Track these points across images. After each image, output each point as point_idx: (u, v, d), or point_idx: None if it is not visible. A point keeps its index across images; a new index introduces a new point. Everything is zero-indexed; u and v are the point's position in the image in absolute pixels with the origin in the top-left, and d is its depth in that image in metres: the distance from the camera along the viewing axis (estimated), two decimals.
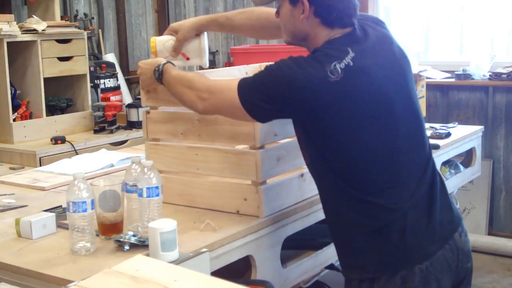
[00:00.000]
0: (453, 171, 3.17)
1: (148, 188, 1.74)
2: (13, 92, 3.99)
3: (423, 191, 1.77)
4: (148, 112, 2.18)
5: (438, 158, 2.88)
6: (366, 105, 1.69)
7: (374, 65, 1.72)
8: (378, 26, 1.85)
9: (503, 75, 4.18)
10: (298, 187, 2.10)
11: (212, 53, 5.69)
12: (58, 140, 3.89)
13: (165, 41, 2.17)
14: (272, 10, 2.01)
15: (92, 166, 2.72)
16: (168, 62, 2.00)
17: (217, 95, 1.81)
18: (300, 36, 1.80)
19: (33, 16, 4.15)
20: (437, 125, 3.26)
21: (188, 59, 2.18)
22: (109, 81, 4.51)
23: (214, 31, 2.30)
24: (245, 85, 1.75)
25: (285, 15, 1.81)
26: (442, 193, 1.83)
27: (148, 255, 1.59)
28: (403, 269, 1.73)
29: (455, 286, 1.86)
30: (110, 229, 1.79)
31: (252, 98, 1.73)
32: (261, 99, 1.72)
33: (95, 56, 5.08)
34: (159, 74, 1.97)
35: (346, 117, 1.68)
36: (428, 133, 2.98)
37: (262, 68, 1.77)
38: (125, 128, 4.30)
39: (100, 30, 5.36)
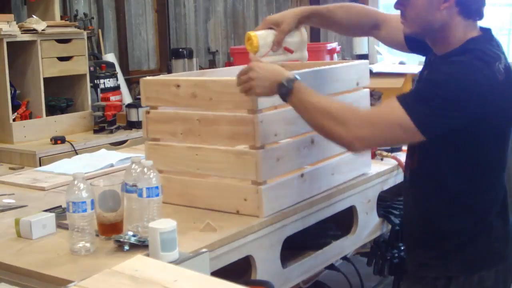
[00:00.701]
0: None
1: (148, 188, 1.74)
2: (13, 92, 3.99)
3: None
4: (148, 112, 2.18)
5: None
6: None
7: None
8: None
9: None
10: (298, 187, 2.09)
11: (212, 53, 5.69)
12: (58, 140, 3.89)
13: (266, 35, 2.00)
14: (367, 7, 2.02)
15: (92, 166, 2.72)
16: (296, 77, 1.78)
17: (380, 126, 1.68)
18: (435, 26, 1.72)
19: (33, 16, 4.15)
20: None
21: (292, 52, 2.04)
22: (109, 81, 4.51)
23: (312, 25, 2.22)
24: (410, 102, 1.65)
25: (421, 3, 1.71)
26: None
27: (148, 255, 1.59)
28: (483, 270, 1.78)
29: None
30: (110, 229, 1.79)
31: (423, 112, 1.63)
32: (432, 111, 1.62)
33: (95, 56, 5.08)
34: (287, 92, 1.77)
35: (502, 117, 1.69)
36: None
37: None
38: (125, 128, 4.30)
39: (100, 30, 5.37)
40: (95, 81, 4.45)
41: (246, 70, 1.83)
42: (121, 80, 5.02)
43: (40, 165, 3.52)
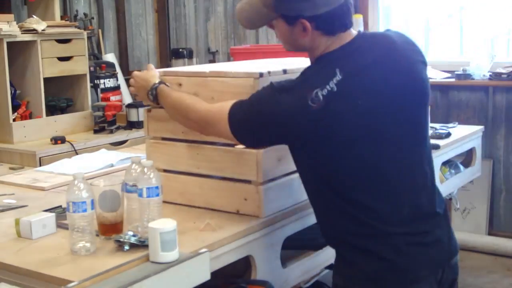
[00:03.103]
0: (453, 171, 3.16)
1: (148, 188, 1.74)
2: (13, 92, 3.99)
3: (418, 215, 1.71)
4: (149, 111, 2.18)
5: (438, 158, 2.88)
6: (348, 130, 1.63)
7: (363, 87, 1.65)
8: (406, 43, 1.78)
9: (503, 75, 4.18)
10: (298, 187, 2.09)
11: (212, 53, 5.69)
12: (58, 140, 3.89)
13: None
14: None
15: (92, 166, 2.72)
16: (161, 83, 2.02)
17: (212, 127, 1.86)
18: (301, 48, 1.78)
19: (33, 16, 4.15)
20: (437, 125, 3.25)
21: None
22: (109, 81, 4.51)
23: None
24: (234, 117, 1.77)
25: (283, 33, 1.77)
26: (441, 219, 1.78)
27: (148, 255, 1.59)
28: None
29: None
30: (110, 229, 1.79)
31: (241, 130, 1.77)
32: (249, 130, 1.77)
33: (95, 56, 5.08)
34: (153, 97, 2.02)
35: (328, 143, 1.65)
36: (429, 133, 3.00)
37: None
38: (125, 128, 4.30)
39: (100, 30, 5.36)
40: (95, 81, 4.44)
41: (131, 78, 2.12)
42: (121, 80, 5.01)
43: (40, 165, 3.52)
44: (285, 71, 2.01)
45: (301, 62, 2.22)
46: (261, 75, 1.92)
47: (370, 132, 1.65)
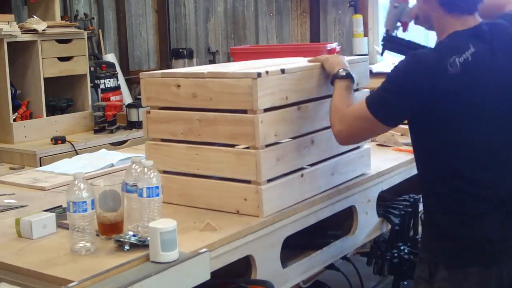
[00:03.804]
0: None
1: (148, 188, 1.75)
2: (13, 92, 3.99)
3: (510, 196, 1.83)
4: (148, 112, 2.18)
5: None
6: (472, 102, 1.77)
7: (490, 67, 1.78)
8: None
9: None
10: (298, 187, 2.10)
11: (212, 53, 5.70)
12: (58, 140, 3.89)
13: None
14: None
15: (92, 166, 2.73)
16: (347, 73, 2.07)
17: (349, 120, 1.93)
18: (425, 17, 1.92)
19: (33, 16, 4.16)
20: None
21: None
22: (109, 81, 4.51)
23: None
24: (372, 98, 1.87)
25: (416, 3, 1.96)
26: None
27: (148, 255, 1.59)
28: (469, 266, 1.80)
29: None
30: (110, 229, 1.79)
31: (381, 105, 1.84)
32: (387, 102, 1.83)
33: (95, 56, 5.09)
34: (345, 75, 2.07)
35: (456, 110, 1.76)
36: None
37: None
38: (125, 128, 4.31)
39: (100, 30, 5.37)
40: (96, 81, 4.45)
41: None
42: (122, 80, 5.02)
43: (40, 165, 3.53)
44: (283, 71, 2.01)
45: (301, 63, 2.23)
46: (259, 75, 1.92)
47: (485, 111, 1.79)
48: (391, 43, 2.33)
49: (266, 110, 1.96)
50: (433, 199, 1.90)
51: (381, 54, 2.41)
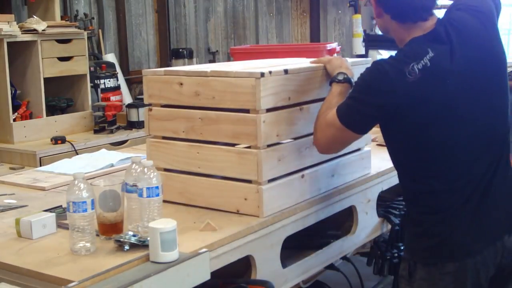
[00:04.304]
0: None
1: (148, 188, 1.74)
2: (13, 92, 3.99)
3: (480, 188, 1.84)
4: (150, 110, 2.18)
5: None
6: (435, 106, 1.78)
7: (451, 69, 1.79)
8: (475, 19, 1.88)
9: None
10: (299, 187, 2.10)
11: (212, 53, 5.70)
12: (58, 140, 3.89)
13: None
14: None
15: (92, 166, 2.72)
16: (345, 78, 2.06)
17: (323, 129, 1.95)
18: (385, 30, 1.96)
19: (33, 16, 4.16)
20: None
21: None
22: (109, 81, 4.52)
23: None
24: (341, 106, 1.90)
25: (373, 10, 1.99)
26: (501, 191, 1.88)
27: (148, 255, 1.59)
28: (445, 262, 1.82)
29: (496, 280, 1.90)
30: (110, 229, 1.79)
31: (349, 113, 1.87)
32: (354, 111, 1.86)
33: (95, 56, 5.09)
34: (343, 79, 2.06)
35: (420, 115, 1.78)
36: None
37: None
38: (125, 128, 4.31)
39: (100, 30, 5.37)
40: (95, 81, 4.45)
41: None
42: (121, 80, 5.02)
43: (40, 165, 3.53)
44: (286, 71, 2.01)
45: (301, 63, 2.23)
46: (262, 75, 1.92)
47: (450, 114, 1.80)
48: (372, 41, 2.32)
49: (268, 110, 1.96)
50: (410, 199, 1.94)
51: (366, 55, 2.40)
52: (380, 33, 2.30)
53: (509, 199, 1.91)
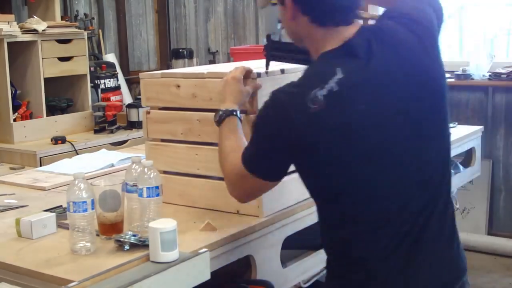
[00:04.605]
0: (452, 171, 3.16)
1: (148, 188, 1.75)
2: (13, 92, 4.00)
3: (407, 239, 1.51)
4: (148, 112, 2.18)
5: None
6: (348, 139, 1.46)
7: (365, 92, 1.47)
8: (409, 31, 1.55)
9: (502, 75, 4.18)
10: (298, 187, 2.09)
11: (212, 54, 5.70)
12: (59, 140, 3.89)
13: None
14: None
15: (93, 166, 2.73)
16: (235, 113, 1.83)
17: (233, 181, 1.70)
18: (297, 37, 1.64)
19: (34, 16, 4.16)
20: None
21: None
22: (109, 81, 4.52)
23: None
24: (245, 152, 1.63)
25: (280, 16, 1.67)
26: (439, 242, 1.56)
27: (148, 255, 1.60)
28: None
29: None
30: (110, 229, 1.79)
31: (256, 164, 1.60)
32: (261, 160, 1.59)
33: (95, 56, 5.09)
34: (220, 119, 1.83)
35: (330, 151, 1.47)
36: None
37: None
38: (125, 128, 4.31)
39: (100, 30, 5.37)
40: (96, 81, 4.45)
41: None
42: (122, 80, 5.02)
43: (40, 165, 3.53)
44: (282, 71, 2.01)
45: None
46: (258, 75, 1.92)
47: (367, 143, 1.48)
48: (275, 51, 1.91)
49: None
50: (326, 244, 1.64)
51: (266, 69, 1.96)
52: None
53: (445, 252, 1.57)
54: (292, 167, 1.61)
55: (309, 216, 2.13)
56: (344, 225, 1.55)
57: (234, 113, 1.83)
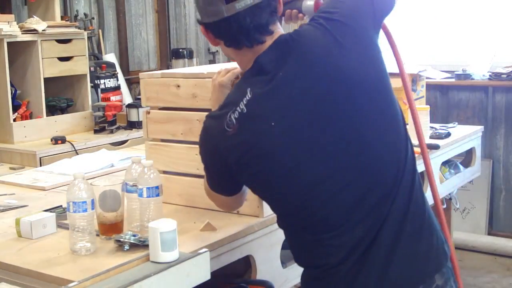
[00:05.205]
0: (453, 171, 3.17)
1: (148, 188, 1.75)
2: (13, 92, 4.00)
3: (367, 240, 1.49)
4: (148, 112, 2.18)
5: (438, 158, 2.88)
6: (267, 157, 1.47)
7: (275, 106, 1.47)
8: (325, 31, 1.51)
9: (502, 75, 4.18)
10: None
11: (212, 53, 5.69)
12: (58, 140, 3.89)
13: None
14: None
15: (92, 166, 2.73)
16: None
17: (213, 198, 1.76)
18: (229, 58, 1.69)
19: (33, 16, 4.16)
20: (437, 125, 3.26)
21: None
22: (109, 81, 4.52)
23: None
24: (206, 178, 1.71)
25: None
26: (403, 240, 1.51)
27: (148, 255, 1.60)
28: None
29: None
30: (110, 229, 1.80)
31: (213, 184, 1.68)
32: (214, 180, 1.67)
33: (95, 56, 5.08)
34: None
35: (256, 169, 1.49)
36: (428, 133, 3.00)
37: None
38: (125, 128, 4.31)
39: (100, 30, 5.37)
40: (96, 81, 4.45)
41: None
42: (122, 80, 5.02)
43: (40, 165, 3.53)
44: None
45: None
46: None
47: (287, 157, 1.47)
48: None
49: None
50: (293, 253, 1.66)
51: None
52: None
53: (410, 249, 1.52)
54: None
55: None
56: (297, 232, 1.58)
57: None
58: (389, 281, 1.49)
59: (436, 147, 2.81)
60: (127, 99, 5.04)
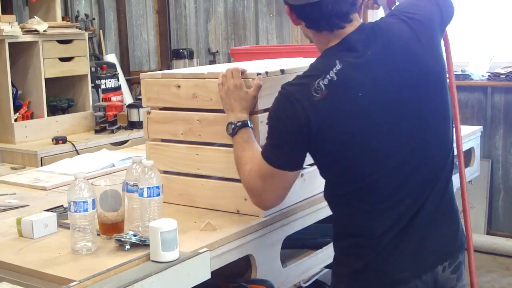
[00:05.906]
0: None
1: (148, 188, 1.75)
2: (14, 92, 4.01)
3: (408, 213, 1.67)
4: (149, 113, 2.19)
5: None
6: (350, 123, 1.60)
7: (363, 81, 1.61)
8: (406, 25, 1.69)
9: (501, 76, 4.19)
10: (298, 187, 2.10)
11: (213, 54, 5.70)
12: (59, 140, 3.90)
13: None
14: None
15: (93, 166, 2.74)
16: (246, 124, 1.89)
17: (257, 183, 1.76)
18: (307, 37, 1.80)
19: (35, 16, 4.17)
20: None
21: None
22: (110, 81, 4.53)
23: None
24: (265, 150, 1.73)
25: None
26: (435, 219, 1.70)
27: (148, 254, 1.60)
28: None
29: None
30: (111, 228, 1.80)
31: (277, 156, 1.69)
32: (281, 151, 1.69)
33: (96, 56, 5.10)
34: (233, 132, 1.89)
35: (336, 134, 1.60)
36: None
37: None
38: (126, 128, 4.32)
39: (101, 31, 5.38)
40: (96, 81, 4.46)
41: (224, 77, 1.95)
42: (122, 81, 5.03)
43: (41, 165, 3.54)
44: (282, 71, 2.02)
45: (301, 63, 2.24)
46: (258, 75, 1.93)
47: (367, 130, 1.61)
48: None
49: (266, 110, 1.97)
50: (336, 222, 1.79)
51: None
52: None
53: (443, 227, 1.73)
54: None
55: (309, 216, 2.14)
56: (349, 201, 1.69)
57: (246, 123, 1.89)
58: (424, 253, 1.68)
59: None
60: (128, 99, 5.05)
